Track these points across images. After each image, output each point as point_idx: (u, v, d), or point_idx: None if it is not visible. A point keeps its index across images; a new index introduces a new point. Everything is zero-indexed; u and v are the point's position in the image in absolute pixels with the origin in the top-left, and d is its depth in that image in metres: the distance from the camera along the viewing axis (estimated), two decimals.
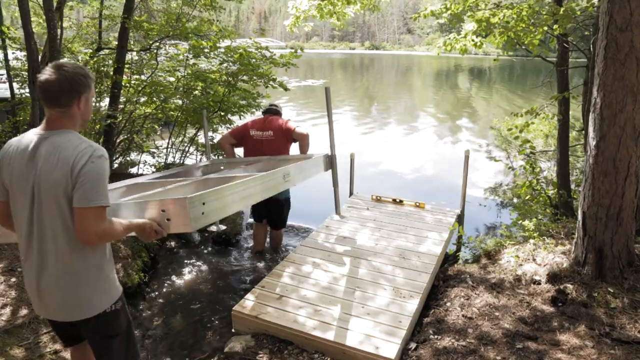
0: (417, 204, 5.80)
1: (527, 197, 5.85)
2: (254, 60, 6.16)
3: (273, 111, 4.91)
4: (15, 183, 1.80)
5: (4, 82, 7.65)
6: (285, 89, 6.51)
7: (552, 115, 5.39)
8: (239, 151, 5.16)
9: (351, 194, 6.31)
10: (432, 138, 12.99)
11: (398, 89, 29.01)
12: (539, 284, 3.84)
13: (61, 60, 1.95)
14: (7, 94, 6.93)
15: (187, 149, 7.12)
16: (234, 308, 3.68)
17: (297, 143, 4.81)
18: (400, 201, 5.91)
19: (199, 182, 3.56)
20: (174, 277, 4.75)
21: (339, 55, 78.98)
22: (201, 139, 7.15)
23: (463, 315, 3.59)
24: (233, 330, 3.69)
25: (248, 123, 4.96)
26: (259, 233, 5.16)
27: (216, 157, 6.24)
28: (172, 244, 5.51)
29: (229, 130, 5.00)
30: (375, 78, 37.72)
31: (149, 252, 5.02)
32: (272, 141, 4.72)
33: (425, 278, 4.08)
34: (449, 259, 4.93)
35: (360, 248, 4.67)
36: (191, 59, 6.65)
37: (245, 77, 6.56)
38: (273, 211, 4.91)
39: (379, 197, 6.05)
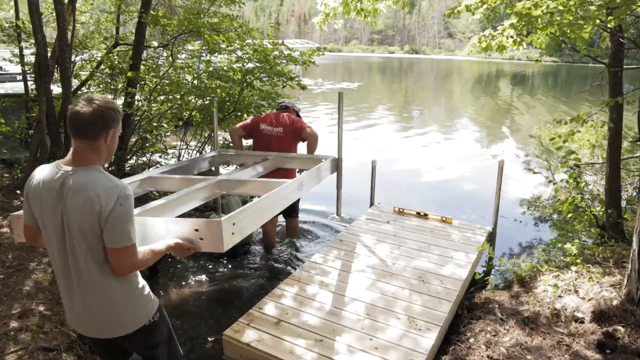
0: (444, 219, 5.23)
1: (569, 215, 5.19)
2: (271, 57, 5.74)
3: (285, 107, 4.98)
4: (45, 217, 1.87)
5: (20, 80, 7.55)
6: (303, 88, 6.07)
7: (602, 123, 4.73)
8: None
9: (372, 204, 5.80)
10: (469, 146, 12.29)
11: (437, 94, 28.14)
12: (582, 322, 3.24)
13: (93, 95, 1.90)
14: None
15: (201, 149, 6.78)
16: (225, 332, 3.26)
17: (306, 142, 4.79)
18: (425, 215, 5.35)
19: (215, 183, 3.53)
20: (171, 290, 4.37)
21: (378, 58, 78.06)
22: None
23: (488, 357, 3.04)
24: (224, 358, 3.27)
25: (260, 117, 4.99)
26: (268, 229, 5.11)
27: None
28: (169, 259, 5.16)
29: (242, 123, 4.99)
30: (413, 82, 36.89)
31: None
32: (281, 138, 4.71)
33: (446, 307, 3.54)
34: (476, 283, 4.36)
35: (376, 267, 4.16)
36: (207, 55, 6.30)
37: (263, 76, 6.15)
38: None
39: (401, 210, 5.51)
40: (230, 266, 4.86)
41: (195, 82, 6.50)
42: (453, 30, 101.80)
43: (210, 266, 4.85)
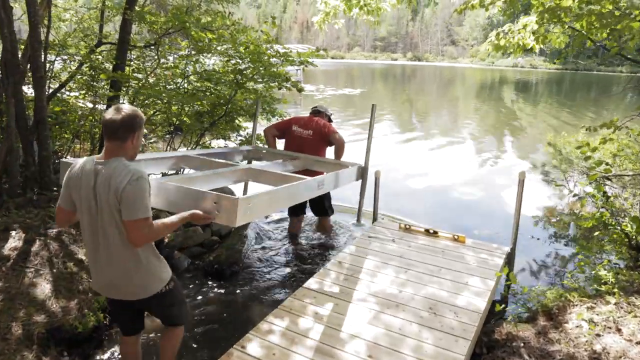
0: (456, 237, 4.67)
1: (596, 233, 4.63)
2: (265, 57, 5.21)
3: (317, 112, 5.24)
4: (83, 201, 2.27)
5: None
6: (300, 90, 5.56)
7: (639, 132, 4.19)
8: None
9: (375, 219, 5.24)
10: (475, 155, 11.74)
11: (440, 100, 27.63)
12: None
13: (121, 104, 2.33)
14: None
15: None
16: None
17: (333, 147, 5.02)
18: (435, 232, 4.79)
19: (243, 170, 4.03)
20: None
21: (380, 65, 77.65)
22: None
23: None
24: None
25: (293, 118, 5.30)
26: (293, 221, 5.52)
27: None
28: None
29: (275, 122, 5.35)
30: (416, 89, 36.37)
31: None
32: (310, 140, 4.96)
33: (463, 347, 2.98)
34: (494, 314, 3.80)
35: (379, 296, 3.60)
36: (195, 55, 5.77)
37: (257, 77, 5.63)
38: (315, 205, 5.31)
39: (408, 226, 4.95)
40: (215, 290, 4.31)
41: (186, 84, 6.00)
42: (456, 37, 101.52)
43: (192, 289, 4.30)
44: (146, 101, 6.10)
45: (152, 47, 6.27)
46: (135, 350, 2.76)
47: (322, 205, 5.29)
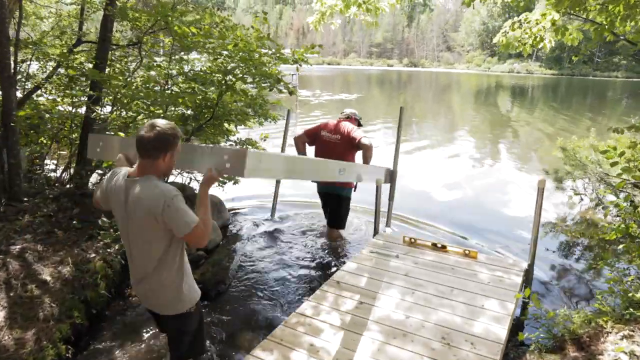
0: (467, 252, 4.21)
1: (620, 246, 4.19)
2: (256, 55, 4.76)
3: (347, 116, 5.26)
4: (116, 212, 2.33)
5: None
6: (291, 93, 5.12)
7: None
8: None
9: (376, 232, 4.78)
10: (477, 159, 11.32)
11: (437, 106, 27.25)
12: None
13: (157, 120, 2.21)
14: None
15: None
16: None
17: (361, 152, 4.92)
18: (443, 247, 4.32)
19: None
20: (114, 350, 3.33)
21: (376, 71, 77.35)
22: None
23: None
24: None
25: (322, 124, 5.25)
26: (332, 235, 5.47)
27: None
28: (132, 292, 4.14)
29: (305, 129, 5.27)
30: (413, 95, 36.00)
31: (88, 309, 3.63)
32: (338, 145, 4.94)
33: None
34: (512, 341, 3.34)
35: (383, 323, 3.14)
36: (179, 54, 5.32)
37: (247, 77, 5.18)
38: (330, 206, 5.34)
39: (413, 240, 4.48)
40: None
41: (170, 85, 5.54)
42: (452, 43, 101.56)
43: None
44: (128, 103, 5.65)
45: (135, 46, 5.82)
46: None
47: (338, 212, 5.29)
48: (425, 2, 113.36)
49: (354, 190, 5.20)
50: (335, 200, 5.21)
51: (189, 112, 5.28)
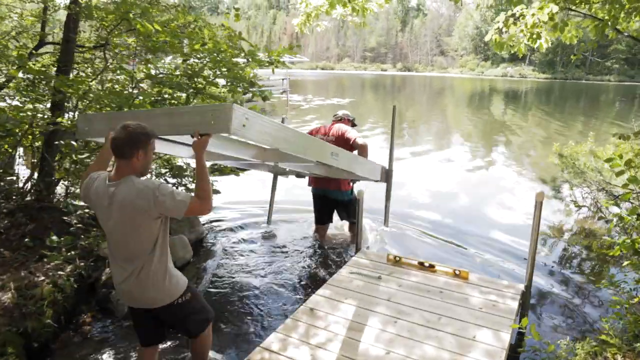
0: (457, 272, 3.80)
1: (625, 263, 3.80)
2: (227, 55, 4.36)
3: (339, 118, 5.27)
4: (101, 216, 2.39)
5: None
6: (264, 99, 4.71)
7: None
8: None
9: (358, 249, 4.36)
10: (471, 166, 10.95)
11: (431, 111, 26.91)
12: None
13: (128, 122, 2.28)
14: None
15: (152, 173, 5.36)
16: None
17: (356, 152, 4.89)
18: (431, 266, 3.91)
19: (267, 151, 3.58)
20: None
21: (370, 76, 77.05)
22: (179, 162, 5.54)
23: None
24: None
25: (315, 128, 5.29)
26: (319, 232, 5.51)
27: None
28: (86, 319, 3.72)
29: None
30: (406, 99, 35.66)
31: (29, 343, 3.19)
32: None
33: None
34: None
35: None
36: (145, 54, 4.92)
37: (220, 81, 4.79)
38: (340, 212, 5.38)
39: (397, 258, 4.08)
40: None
41: (133, 89, 5.13)
42: (445, 48, 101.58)
43: (130, 343, 3.40)
44: (91, 109, 5.23)
45: (101, 47, 5.42)
46: None
47: (349, 213, 5.31)
48: (418, 6, 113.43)
49: (351, 194, 5.24)
50: (341, 206, 5.27)
51: None
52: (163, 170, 5.51)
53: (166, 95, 4.63)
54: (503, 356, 2.75)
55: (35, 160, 5.56)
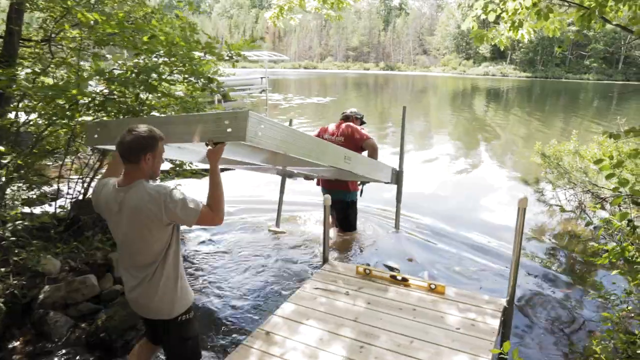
0: (432, 287, 3.45)
1: (614, 272, 3.51)
2: (181, 49, 3.94)
3: (347, 117, 5.14)
4: (111, 223, 2.33)
5: None
6: (224, 97, 4.37)
7: None
8: None
9: (325, 261, 3.98)
10: (455, 165, 10.68)
11: (414, 110, 26.72)
12: None
13: (135, 125, 2.21)
14: None
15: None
16: None
17: (367, 152, 4.86)
18: (404, 280, 3.55)
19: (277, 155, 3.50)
20: None
21: (353, 75, 76.75)
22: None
23: None
24: None
25: (322, 128, 5.18)
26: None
27: None
28: (17, 345, 3.29)
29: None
30: (390, 98, 35.42)
31: None
32: (341, 146, 4.45)
33: None
34: None
35: None
36: (93, 48, 4.49)
37: (175, 77, 4.38)
38: (338, 212, 5.16)
39: (368, 271, 3.71)
40: None
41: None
42: (427, 47, 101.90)
43: None
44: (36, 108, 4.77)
45: (47, 41, 4.97)
46: (147, 357, 2.66)
47: (347, 217, 5.22)
48: (401, 5, 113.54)
49: (360, 195, 5.22)
50: (340, 206, 5.10)
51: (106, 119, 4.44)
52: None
53: (115, 93, 4.18)
54: None
55: None
